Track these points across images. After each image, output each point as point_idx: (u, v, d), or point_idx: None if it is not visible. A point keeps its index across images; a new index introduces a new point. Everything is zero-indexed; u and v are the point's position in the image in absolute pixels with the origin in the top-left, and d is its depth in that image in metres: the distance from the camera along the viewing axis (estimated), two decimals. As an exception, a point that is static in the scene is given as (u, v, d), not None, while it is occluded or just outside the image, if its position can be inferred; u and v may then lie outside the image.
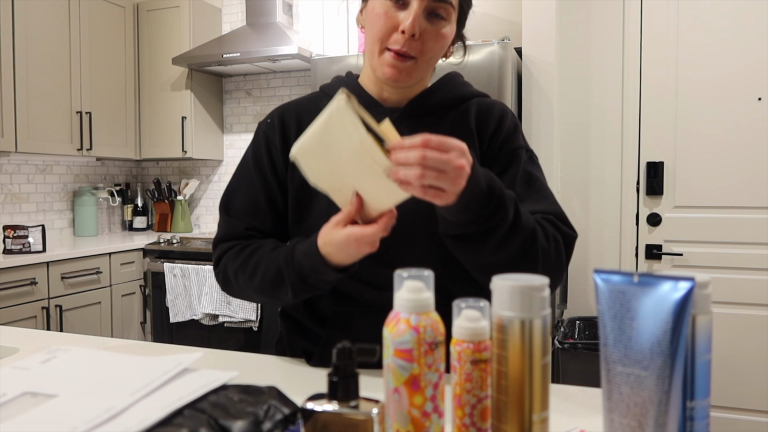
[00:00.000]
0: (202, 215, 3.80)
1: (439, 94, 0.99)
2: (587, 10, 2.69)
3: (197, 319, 2.97)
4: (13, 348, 1.04)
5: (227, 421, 0.47)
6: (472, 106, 1.00)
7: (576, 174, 2.73)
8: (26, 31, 2.81)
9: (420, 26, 0.86)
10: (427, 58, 0.90)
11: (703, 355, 0.50)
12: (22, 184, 3.17)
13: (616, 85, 2.66)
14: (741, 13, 2.45)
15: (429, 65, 0.93)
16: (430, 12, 0.88)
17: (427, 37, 0.88)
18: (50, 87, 2.95)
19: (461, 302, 0.57)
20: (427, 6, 0.87)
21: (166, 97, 3.44)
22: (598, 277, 0.53)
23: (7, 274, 2.45)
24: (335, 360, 0.53)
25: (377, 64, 0.91)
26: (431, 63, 0.93)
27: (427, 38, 0.88)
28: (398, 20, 0.87)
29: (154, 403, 0.50)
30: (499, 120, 0.98)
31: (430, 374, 0.55)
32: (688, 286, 0.48)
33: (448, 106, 0.99)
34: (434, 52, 0.91)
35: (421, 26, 0.87)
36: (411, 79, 0.92)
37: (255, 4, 3.28)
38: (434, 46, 0.90)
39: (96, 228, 3.45)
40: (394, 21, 0.87)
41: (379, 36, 0.89)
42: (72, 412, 0.49)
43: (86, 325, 2.81)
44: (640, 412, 0.50)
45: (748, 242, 2.47)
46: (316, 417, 0.53)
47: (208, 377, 0.55)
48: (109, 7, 3.30)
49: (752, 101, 2.44)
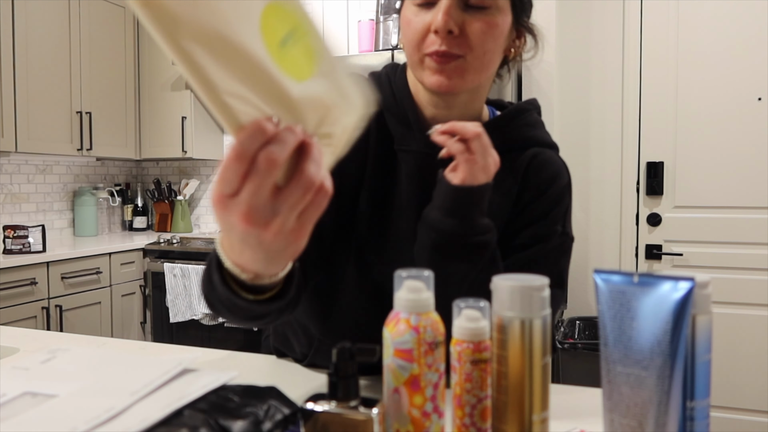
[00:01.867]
0: (202, 215, 3.79)
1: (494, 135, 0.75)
2: (587, 10, 2.69)
3: (197, 319, 2.97)
4: (13, 348, 1.04)
5: (227, 421, 0.47)
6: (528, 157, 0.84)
7: (576, 174, 2.71)
8: (26, 31, 2.81)
9: (457, 20, 0.73)
10: (479, 54, 0.74)
11: (703, 355, 0.50)
12: (22, 184, 3.17)
13: (616, 85, 2.66)
14: (741, 13, 2.45)
15: (484, 65, 0.76)
16: (467, 3, 0.74)
17: (471, 30, 0.73)
18: (50, 87, 2.95)
19: (461, 302, 0.57)
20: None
21: (166, 97, 3.44)
22: (598, 277, 0.53)
23: (7, 274, 2.45)
24: (335, 360, 0.53)
25: (422, 75, 0.77)
26: (487, 62, 0.76)
27: (471, 31, 0.73)
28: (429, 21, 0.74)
29: (154, 403, 0.50)
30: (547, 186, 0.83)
31: (430, 374, 0.55)
32: (688, 286, 0.48)
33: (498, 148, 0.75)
34: (486, 46, 0.74)
35: (458, 20, 0.73)
36: (465, 83, 0.76)
37: (255, 4, 3.28)
38: (484, 39, 0.74)
39: (96, 228, 3.45)
40: (425, 23, 0.75)
41: (414, 43, 0.76)
42: (72, 412, 0.49)
43: (86, 325, 2.81)
44: (640, 412, 0.50)
45: (748, 242, 2.47)
46: (316, 417, 0.53)
47: (208, 377, 0.55)
48: (109, 7, 3.30)
49: (752, 101, 2.44)
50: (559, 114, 2.68)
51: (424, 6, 0.75)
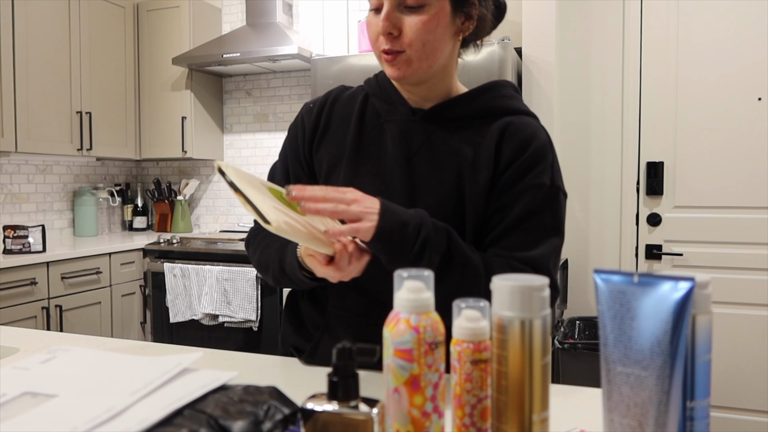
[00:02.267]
0: (202, 215, 3.79)
1: (465, 103, 0.95)
2: (587, 10, 2.69)
3: (197, 319, 2.97)
4: (13, 348, 1.04)
5: (227, 421, 0.47)
6: (502, 123, 0.93)
7: (576, 174, 2.73)
8: (26, 31, 2.81)
9: (395, 22, 0.87)
10: (417, 47, 0.88)
11: (703, 355, 0.50)
12: (22, 184, 3.17)
13: (616, 85, 2.66)
14: (741, 13, 2.45)
15: (427, 54, 0.89)
16: (403, 5, 0.87)
17: (407, 28, 0.87)
18: (50, 87, 2.95)
19: (461, 302, 0.57)
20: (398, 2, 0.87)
21: (166, 97, 3.44)
22: (598, 277, 0.53)
23: (7, 274, 2.45)
24: (335, 360, 0.53)
25: (383, 67, 0.93)
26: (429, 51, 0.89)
27: (408, 29, 0.87)
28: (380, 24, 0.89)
29: (154, 403, 0.50)
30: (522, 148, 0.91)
31: (430, 374, 0.55)
32: (688, 286, 0.48)
33: (473, 117, 0.94)
34: (424, 39, 0.87)
35: (397, 22, 0.87)
36: (413, 71, 0.90)
37: (255, 4, 3.28)
38: (420, 34, 0.87)
39: (96, 228, 3.45)
40: (377, 26, 0.89)
41: (372, 44, 0.92)
42: (72, 412, 0.49)
43: (86, 325, 2.82)
44: (640, 412, 0.50)
45: (748, 242, 2.47)
46: (316, 417, 0.53)
47: (208, 377, 0.55)
48: (109, 7, 3.30)
49: (752, 101, 2.44)
50: (559, 114, 2.68)
51: (375, 12, 0.90)
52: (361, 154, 0.97)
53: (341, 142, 0.99)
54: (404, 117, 0.96)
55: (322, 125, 1.02)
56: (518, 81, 2.51)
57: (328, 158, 0.99)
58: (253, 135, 3.64)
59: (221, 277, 2.88)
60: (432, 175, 0.93)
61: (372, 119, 0.99)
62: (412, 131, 0.95)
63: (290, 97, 3.55)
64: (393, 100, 0.98)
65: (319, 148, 1.01)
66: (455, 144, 0.93)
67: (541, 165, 0.91)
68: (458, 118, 0.95)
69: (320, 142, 1.01)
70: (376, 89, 1.00)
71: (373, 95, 1.00)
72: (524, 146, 0.91)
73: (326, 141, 1.01)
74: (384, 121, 0.98)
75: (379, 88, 1.00)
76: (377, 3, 0.89)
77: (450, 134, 0.94)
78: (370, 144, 0.97)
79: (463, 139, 0.93)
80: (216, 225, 3.75)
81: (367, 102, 1.01)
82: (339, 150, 0.99)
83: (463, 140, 0.93)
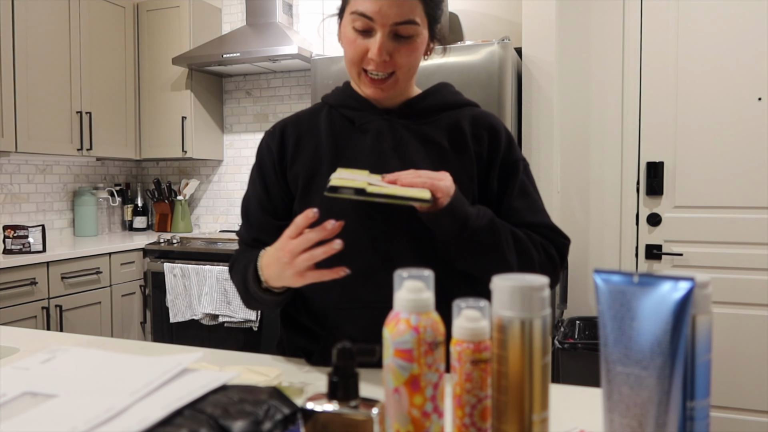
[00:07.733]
0: (202, 215, 3.79)
1: (432, 98, 1.05)
2: (587, 10, 2.69)
3: (197, 319, 2.97)
4: (13, 348, 1.04)
5: (227, 421, 0.47)
6: (465, 113, 1.05)
7: (576, 174, 2.73)
8: (26, 31, 2.81)
9: (388, 50, 0.93)
10: (405, 70, 0.96)
11: (703, 355, 0.50)
12: (22, 184, 3.17)
13: (616, 85, 2.66)
14: (741, 13, 2.45)
15: (409, 75, 0.99)
16: (396, 34, 0.93)
17: (399, 55, 0.94)
18: (50, 87, 2.95)
19: (461, 302, 0.57)
20: (391, 31, 0.92)
21: (166, 97, 3.44)
22: (598, 277, 0.53)
23: (7, 274, 2.45)
24: (335, 360, 0.53)
25: (359, 83, 0.99)
26: (411, 72, 0.99)
27: (399, 56, 0.94)
28: (367, 46, 0.94)
29: (154, 403, 0.50)
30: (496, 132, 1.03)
31: (430, 374, 0.55)
32: (688, 286, 0.48)
33: (440, 110, 1.04)
34: (411, 63, 0.96)
35: (389, 49, 0.93)
36: (395, 91, 0.98)
37: (255, 4, 3.28)
38: (409, 59, 0.95)
39: (96, 228, 3.45)
40: (364, 47, 0.94)
41: (354, 61, 0.96)
42: (72, 412, 0.49)
43: (86, 325, 2.81)
44: (640, 412, 0.50)
45: (748, 242, 2.47)
46: (316, 417, 0.53)
47: (208, 377, 0.55)
48: (109, 7, 3.30)
49: (752, 101, 2.44)
50: (559, 114, 2.67)
51: (362, 33, 0.94)
52: (343, 160, 1.01)
53: (315, 154, 1.03)
54: (379, 118, 1.02)
55: (293, 142, 1.05)
56: (518, 81, 2.51)
57: (305, 171, 1.02)
58: (253, 135, 3.64)
59: (221, 277, 2.88)
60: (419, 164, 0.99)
61: (343, 128, 1.04)
62: (390, 128, 1.02)
63: (290, 97, 3.55)
64: (362, 106, 1.03)
65: (293, 165, 1.04)
66: (431, 133, 1.02)
67: (511, 144, 1.04)
68: (427, 111, 1.04)
69: (293, 159, 1.04)
70: (343, 100, 1.06)
71: (339, 106, 1.06)
72: (496, 130, 1.03)
73: (298, 157, 1.04)
74: (359, 125, 1.03)
75: (345, 98, 1.06)
76: (365, 25, 0.93)
77: (423, 125, 1.02)
78: (348, 149, 1.02)
79: (436, 128, 1.02)
80: (216, 225, 3.75)
81: (332, 114, 1.06)
82: (314, 162, 1.02)
83: (437, 129, 1.02)
